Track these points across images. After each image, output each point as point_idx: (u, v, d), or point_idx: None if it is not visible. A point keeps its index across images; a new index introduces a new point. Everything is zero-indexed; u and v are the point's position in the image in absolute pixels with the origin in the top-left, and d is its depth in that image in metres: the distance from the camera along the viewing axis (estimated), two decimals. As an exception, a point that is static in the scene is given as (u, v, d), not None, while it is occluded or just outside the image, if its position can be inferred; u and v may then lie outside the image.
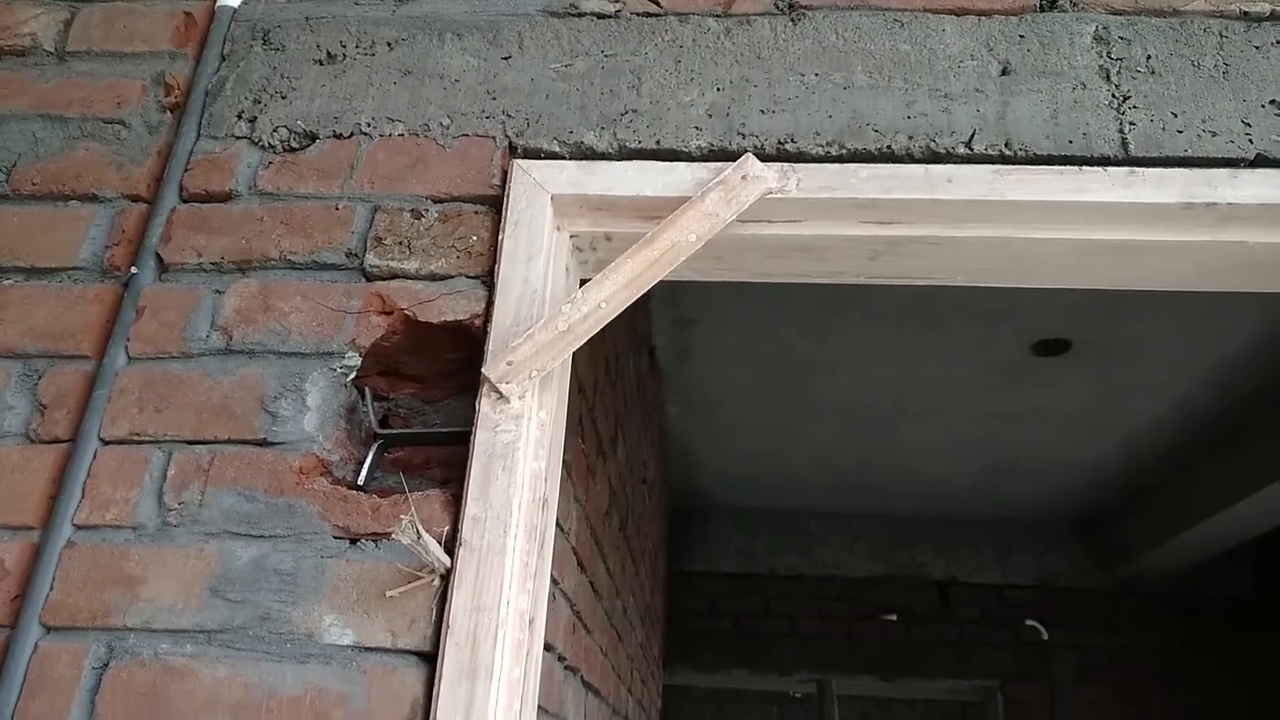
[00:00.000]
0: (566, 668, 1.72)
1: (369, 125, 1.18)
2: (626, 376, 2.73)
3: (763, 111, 1.14)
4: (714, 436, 4.57)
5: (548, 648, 1.51)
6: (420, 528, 0.85)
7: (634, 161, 1.13)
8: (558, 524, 1.57)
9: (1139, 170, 1.05)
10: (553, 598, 1.52)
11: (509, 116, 1.17)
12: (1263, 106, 1.11)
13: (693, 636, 5.36)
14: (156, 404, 1.04)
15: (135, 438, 1.02)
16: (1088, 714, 5.10)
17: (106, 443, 1.02)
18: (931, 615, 5.33)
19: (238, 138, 1.19)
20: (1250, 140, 1.09)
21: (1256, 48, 1.15)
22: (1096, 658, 5.23)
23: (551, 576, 1.50)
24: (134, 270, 1.12)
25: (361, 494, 0.99)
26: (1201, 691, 5.13)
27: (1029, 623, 5.22)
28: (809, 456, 4.73)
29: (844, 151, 1.11)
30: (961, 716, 7.35)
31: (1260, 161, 1.08)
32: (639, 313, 3.09)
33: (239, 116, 1.20)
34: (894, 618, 5.33)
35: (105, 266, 1.14)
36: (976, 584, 5.36)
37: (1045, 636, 5.20)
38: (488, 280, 1.09)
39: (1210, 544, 4.69)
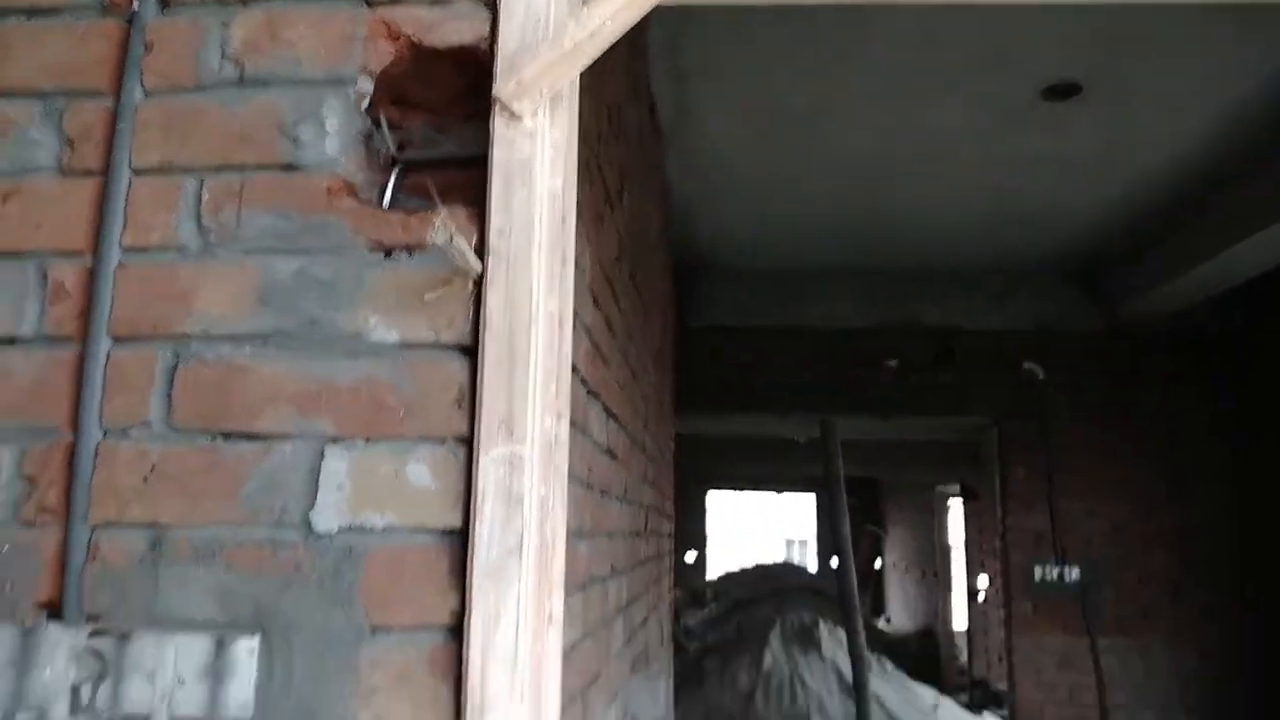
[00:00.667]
0: (589, 391, 1.86)
1: None
2: (629, 130, 2.72)
3: None
4: (714, 195, 4.58)
5: (573, 369, 1.63)
6: (452, 229, 0.92)
7: None
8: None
9: None
10: (573, 325, 1.62)
11: None
12: None
13: (698, 387, 5.63)
14: (180, 135, 1.08)
15: (165, 167, 1.06)
16: (1079, 446, 5.45)
17: (138, 172, 1.07)
18: (931, 361, 5.56)
19: None
20: None
21: None
22: (1089, 395, 5.51)
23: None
24: (135, 7, 1.12)
25: (389, 212, 1.05)
26: (1184, 420, 5.44)
27: (1026, 364, 5.44)
28: (808, 211, 4.76)
29: None
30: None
31: None
32: (638, 63, 3.01)
33: None
34: (894, 364, 5.56)
35: (106, 3, 1.13)
36: (975, 330, 5.56)
37: (1042, 376, 5.44)
38: (490, 4, 1.09)
39: (1205, 287, 4.82)
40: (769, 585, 10.46)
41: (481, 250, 0.99)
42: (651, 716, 2.70)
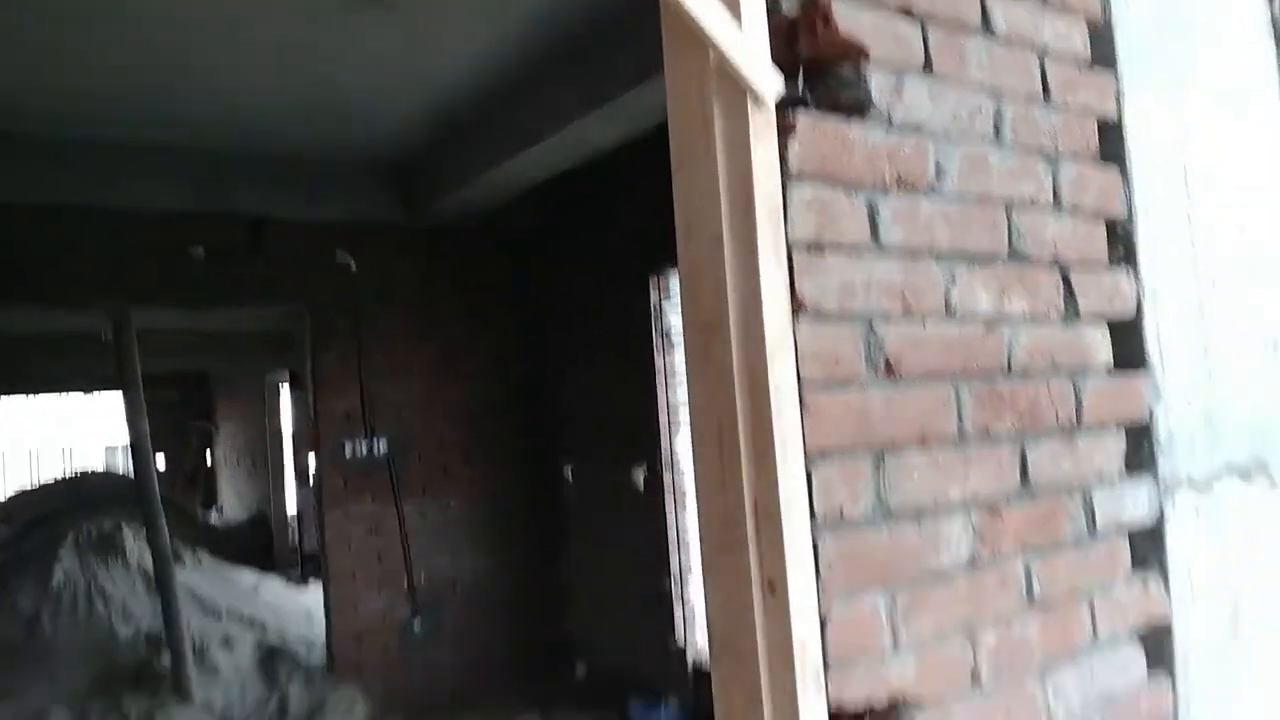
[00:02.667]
0: None
1: None
2: None
3: None
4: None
5: None
6: None
7: None
8: None
9: None
10: None
11: None
12: None
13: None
14: None
15: None
16: (387, 332, 5.95)
17: None
18: (243, 249, 5.47)
19: None
20: None
21: None
22: (398, 286, 6.02)
23: None
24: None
25: None
26: (478, 307, 6.32)
27: (339, 254, 5.70)
28: (96, 76, 4.22)
29: None
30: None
31: None
32: None
33: None
34: (201, 251, 5.31)
35: None
36: (290, 221, 5.60)
37: (354, 267, 5.76)
38: None
39: (500, 189, 5.51)
40: (75, 499, 9.40)
41: None
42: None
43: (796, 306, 1.18)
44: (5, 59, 3.98)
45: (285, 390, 10.96)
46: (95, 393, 13.88)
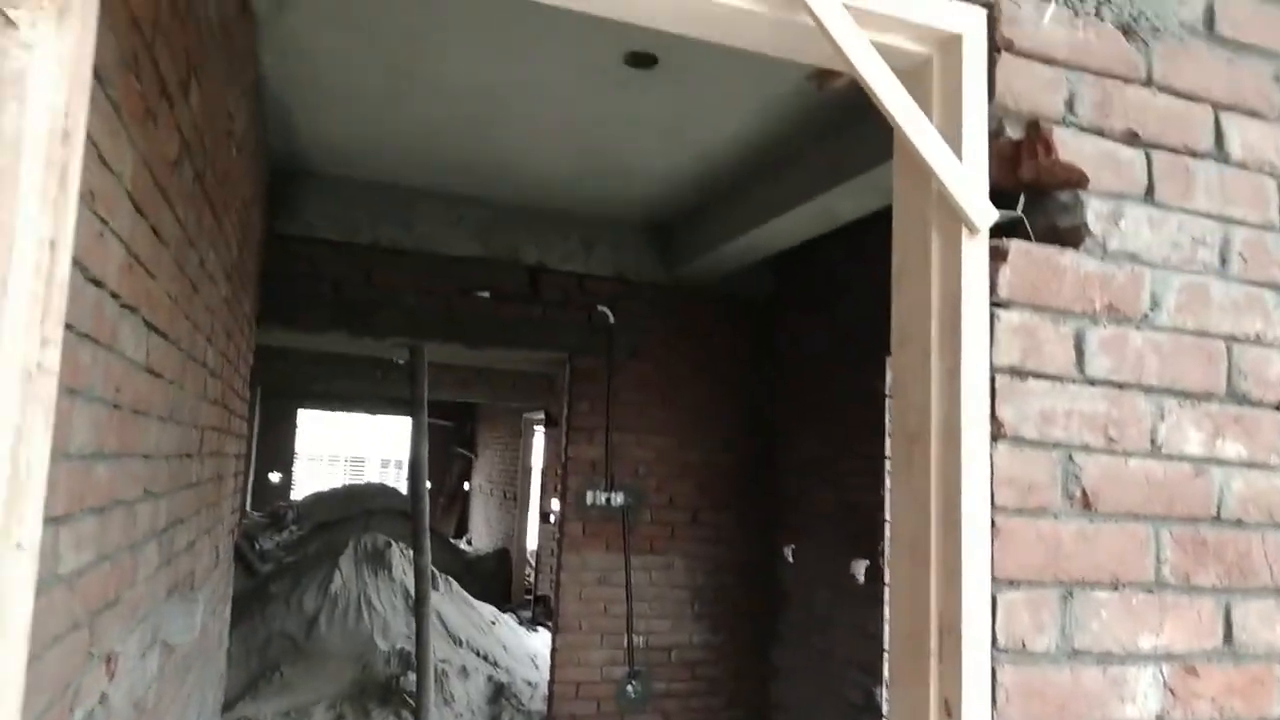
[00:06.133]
0: (123, 305, 1.76)
1: None
2: (204, 17, 2.53)
3: None
4: (314, 98, 4.40)
5: (96, 282, 1.54)
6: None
7: None
8: (106, 163, 1.55)
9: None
10: (99, 235, 1.53)
11: None
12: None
13: (291, 300, 5.42)
14: None
15: None
16: (635, 384, 6.14)
17: None
18: (520, 295, 5.89)
19: None
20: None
21: None
22: (650, 340, 6.21)
23: (98, 215, 1.51)
24: None
25: None
26: (718, 369, 6.37)
27: (600, 306, 6.00)
28: (415, 132, 4.76)
29: None
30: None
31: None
32: (227, -52, 2.80)
33: None
34: (487, 295, 5.79)
35: None
36: (562, 271, 5.98)
37: (612, 320, 6.03)
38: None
39: (748, 254, 5.64)
40: (356, 506, 10.40)
41: (-39, 164, 0.94)
42: (187, 639, 2.64)
43: (996, 430, 1.20)
44: (343, 114, 4.56)
45: (539, 429, 11.55)
46: (379, 413, 15.41)
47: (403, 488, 15.78)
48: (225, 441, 3.94)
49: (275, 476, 15.17)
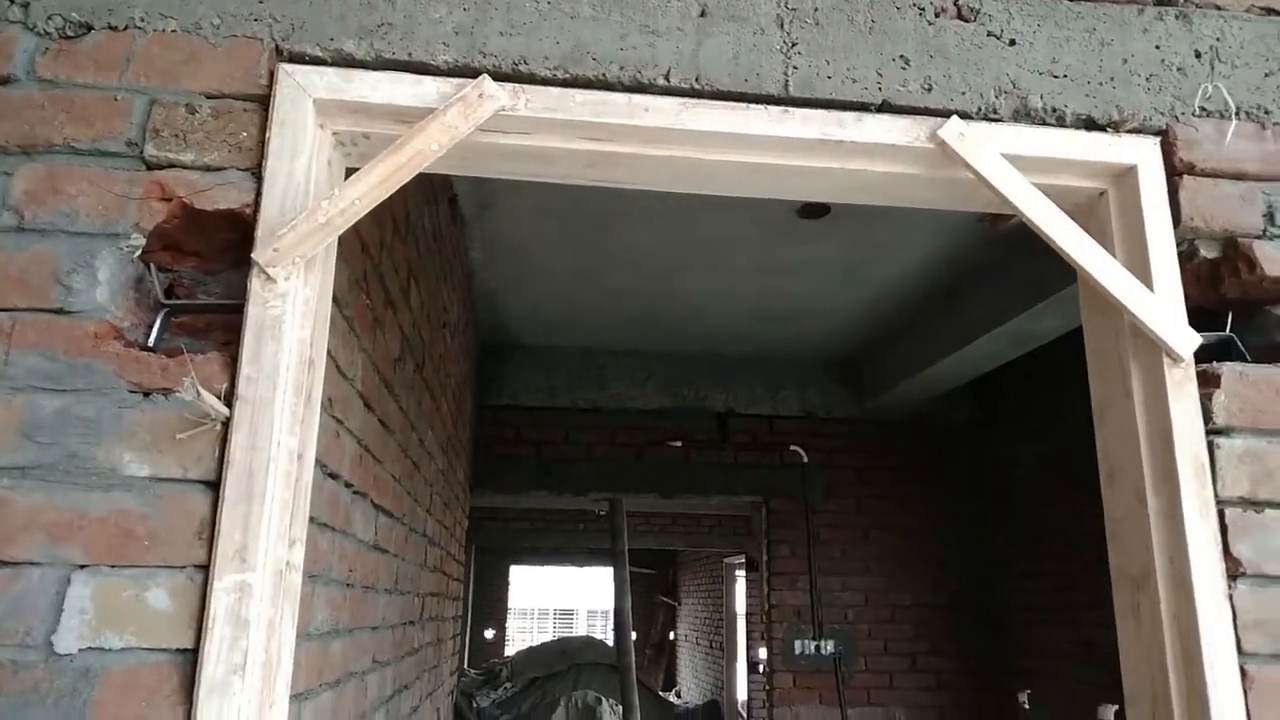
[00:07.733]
0: (355, 493, 2.00)
1: (142, 20, 1.29)
2: (420, 229, 2.90)
3: (501, 34, 1.35)
4: (517, 281, 4.83)
5: (333, 476, 1.77)
6: (199, 387, 1.08)
7: (388, 72, 1.31)
8: (341, 372, 1.80)
9: (791, 109, 1.35)
10: (336, 435, 1.77)
11: (275, 21, 1.31)
12: (893, 60, 1.42)
13: (498, 463, 5.80)
14: (-49, 274, 1.17)
15: (-65, 304, 1.16)
16: (835, 524, 6.00)
17: (-94, 309, 1.15)
18: (710, 442, 6.00)
19: (11, 22, 1.27)
20: (880, 88, 1.41)
21: (897, 8, 1.45)
22: (846, 477, 6.09)
23: (335, 418, 1.75)
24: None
25: (151, 354, 1.18)
26: (923, 503, 6.12)
27: (792, 447, 5.98)
28: (605, 298, 5.09)
29: (567, 76, 1.34)
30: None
31: (885, 108, 1.40)
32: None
33: (11, 1, 1.27)
34: (679, 444, 5.94)
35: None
36: (750, 415, 6.05)
37: (805, 459, 5.99)
38: (257, 173, 1.26)
39: (942, 381, 5.50)
40: (566, 661, 10.49)
41: (231, 395, 1.15)
42: (415, 800, 2.77)
43: (1232, 569, 1.13)
44: (543, 291, 4.97)
45: (739, 574, 11.37)
46: (584, 565, 15.69)
47: (610, 639, 15.81)
48: (444, 606, 4.18)
49: (489, 633, 15.63)
